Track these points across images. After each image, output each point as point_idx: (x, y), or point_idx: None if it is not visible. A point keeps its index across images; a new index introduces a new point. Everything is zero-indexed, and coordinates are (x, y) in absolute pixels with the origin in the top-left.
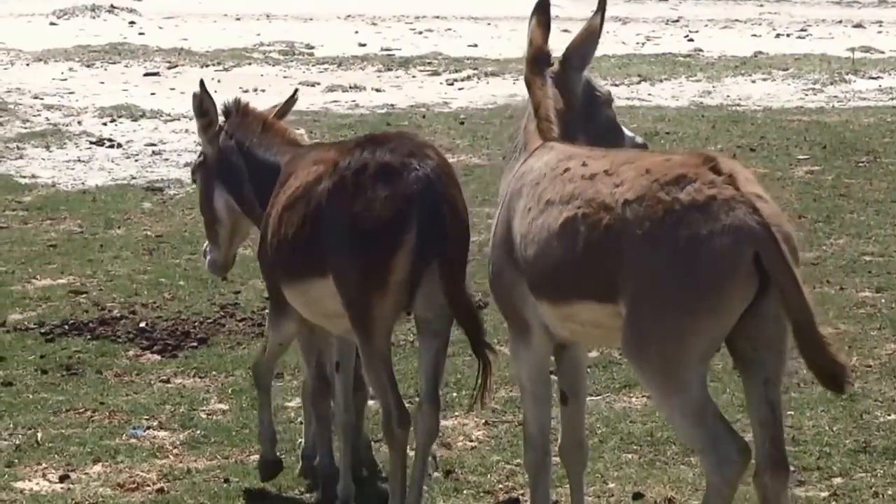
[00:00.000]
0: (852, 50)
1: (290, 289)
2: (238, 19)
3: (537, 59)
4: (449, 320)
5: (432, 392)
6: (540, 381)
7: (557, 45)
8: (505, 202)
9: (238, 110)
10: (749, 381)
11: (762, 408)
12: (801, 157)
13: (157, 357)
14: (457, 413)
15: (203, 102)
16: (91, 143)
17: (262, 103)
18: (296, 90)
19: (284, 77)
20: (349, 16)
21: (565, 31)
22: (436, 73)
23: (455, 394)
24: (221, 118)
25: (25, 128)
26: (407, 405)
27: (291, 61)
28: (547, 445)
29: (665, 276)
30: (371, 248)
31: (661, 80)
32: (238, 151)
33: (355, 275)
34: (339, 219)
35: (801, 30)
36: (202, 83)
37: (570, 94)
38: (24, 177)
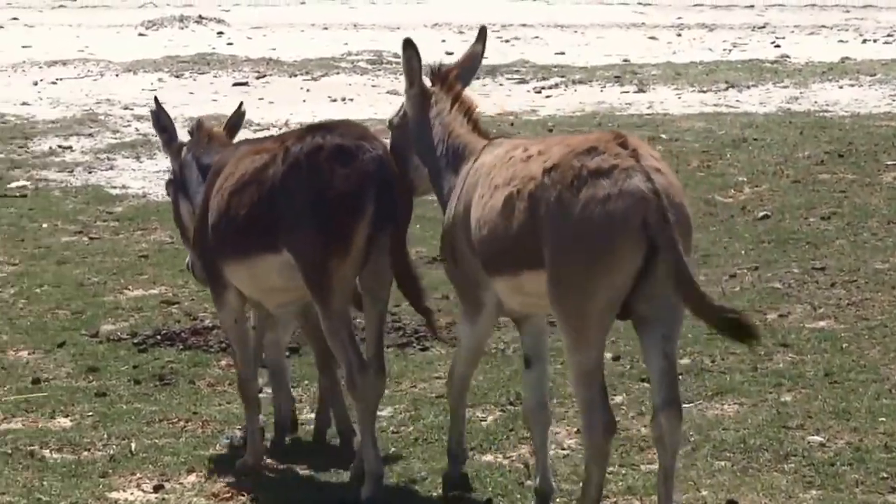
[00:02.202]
0: None
1: (238, 266)
2: (326, 29)
3: (451, 73)
4: (388, 289)
5: (378, 352)
6: (476, 351)
7: (642, 51)
8: (462, 197)
9: (196, 128)
10: (648, 338)
11: (660, 360)
12: (889, 162)
13: None
14: None
15: (160, 118)
16: None
17: (350, 112)
18: (241, 103)
19: (373, 86)
20: (436, 24)
21: (652, 38)
22: (523, 81)
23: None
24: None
25: (115, 138)
26: (499, 417)
27: (379, 70)
28: (464, 393)
29: (569, 234)
30: (335, 220)
31: (748, 87)
32: (193, 164)
33: (319, 245)
34: (298, 197)
35: (889, 35)
36: (157, 100)
37: None
38: (115, 187)
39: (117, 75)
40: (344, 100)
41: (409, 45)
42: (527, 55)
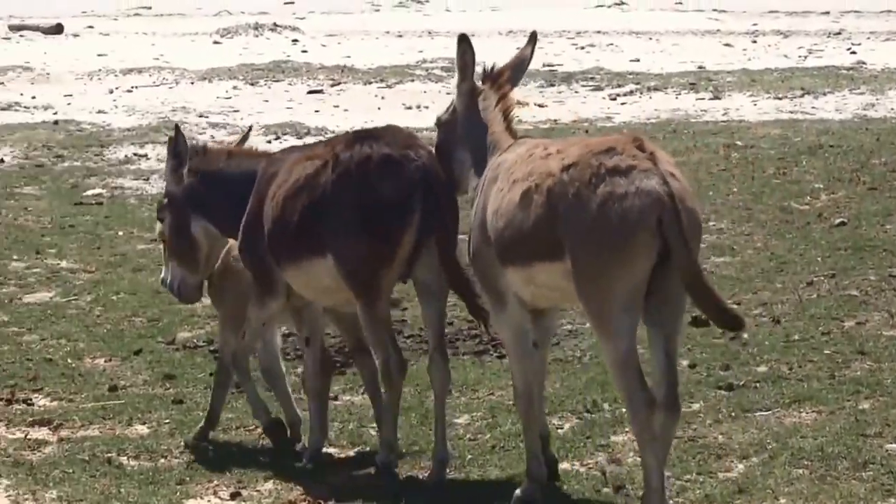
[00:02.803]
0: None
1: (292, 269)
2: (400, 36)
3: (503, 74)
4: (445, 283)
5: (439, 345)
6: (521, 341)
7: (717, 58)
8: (483, 191)
9: (200, 151)
10: (653, 335)
11: (662, 357)
12: None
13: None
14: (626, 429)
15: (178, 145)
16: None
17: (425, 120)
18: (249, 127)
19: (447, 94)
20: (511, 31)
21: (727, 45)
22: (598, 88)
23: (624, 409)
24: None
25: None
26: (576, 424)
27: (454, 78)
28: (532, 393)
29: (586, 229)
30: (381, 230)
31: (824, 94)
32: (205, 182)
33: (364, 253)
34: (346, 205)
35: None
36: (177, 127)
37: None
38: None
39: (192, 83)
40: (419, 107)
41: (463, 39)
42: (602, 62)
